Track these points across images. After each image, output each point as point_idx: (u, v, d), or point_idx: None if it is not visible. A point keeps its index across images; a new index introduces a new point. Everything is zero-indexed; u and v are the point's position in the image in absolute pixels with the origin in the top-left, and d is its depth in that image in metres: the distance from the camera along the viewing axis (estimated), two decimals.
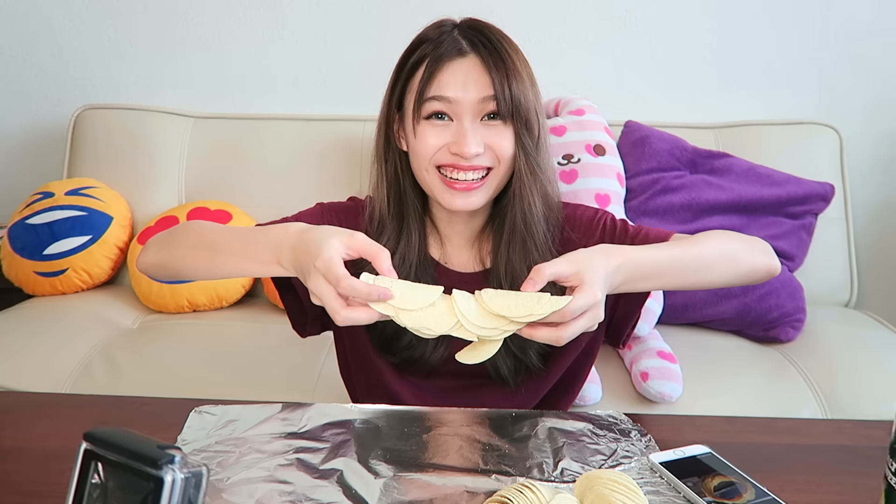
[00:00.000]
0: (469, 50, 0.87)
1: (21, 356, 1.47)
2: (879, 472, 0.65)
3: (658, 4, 1.93)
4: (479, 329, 0.71)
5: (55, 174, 1.95)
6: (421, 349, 0.94)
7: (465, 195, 0.89)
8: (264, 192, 1.85)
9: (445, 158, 0.88)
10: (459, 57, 0.86)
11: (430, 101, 0.87)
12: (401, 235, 0.95)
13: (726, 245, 0.89)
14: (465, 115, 0.86)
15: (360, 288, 0.69)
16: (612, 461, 0.77)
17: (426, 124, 0.88)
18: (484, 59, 0.86)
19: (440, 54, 0.86)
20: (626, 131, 1.83)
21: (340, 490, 0.70)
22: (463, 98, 0.86)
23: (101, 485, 0.53)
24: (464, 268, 0.99)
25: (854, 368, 1.46)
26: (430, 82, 0.86)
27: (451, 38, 0.88)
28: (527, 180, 0.90)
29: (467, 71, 0.86)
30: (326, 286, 0.70)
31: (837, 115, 1.92)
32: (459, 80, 0.86)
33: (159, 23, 1.98)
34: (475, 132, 0.86)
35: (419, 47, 0.89)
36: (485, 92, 0.86)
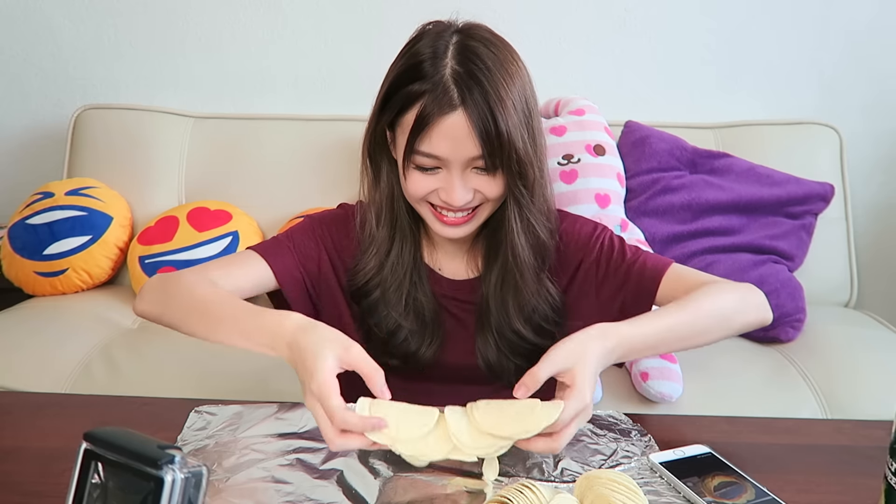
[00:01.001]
0: (458, 103, 0.82)
1: (21, 356, 1.47)
2: (879, 472, 0.65)
3: (658, 4, 1.93)
4: (474, 450, 0.70)
5: (55, 174, 1.95)
6: (416, 343, 0.95)
7: (454, 228, 0.90)
8: (264, 192, 1.85)
9: (435, 200, 0.89)
10: (450, 112, 0.83)
11: (419, 155, 0.85)
12: (393, 242, 0.95)
13: (721, 304, 0.87)
14: (454, 169, 0.86)
15: (354, 422, 0.67)
16: (612, 461, 0.77)
17: (416, 171, 0.87)
18: (472, 117, 0.82)
19: (433, 110, 0.83)
20: (626, 131, 1.83)
21: (340, 490, 0.71)
22: (451, 157, 0.85)
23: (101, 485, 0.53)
24: (455, 274, 0.99)
25: (854, 368, 1.46)
26: (422, 137, 0.84)
27: (443, 81, 0.83)
28: (515, 227, 0.91)
29: (457, 129, 0.83)
30: (321, 412, 0.68)
31: (837, 114, 1.91)
32: (449, 138, 0.84)
33: (159, 23, 1.98)
34: (464, 182, 0.86)
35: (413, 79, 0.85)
36: (473, 151, 0.84)
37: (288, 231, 1.00)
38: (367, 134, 0.93)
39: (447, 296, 0.99)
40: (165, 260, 1.69)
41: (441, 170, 0.87)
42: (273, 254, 0.95)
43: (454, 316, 0.99)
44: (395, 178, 0.93)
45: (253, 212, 1.83)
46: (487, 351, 0.95)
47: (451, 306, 0.99)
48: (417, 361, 0.96)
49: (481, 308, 0.96)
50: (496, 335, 0.95)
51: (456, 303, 0.99)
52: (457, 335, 0.98)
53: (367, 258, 0.95)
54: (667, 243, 1.67)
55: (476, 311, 0.97)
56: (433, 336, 0.95)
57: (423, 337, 0.95)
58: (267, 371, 1.46)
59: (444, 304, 0.98)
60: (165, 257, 1.69)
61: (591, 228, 1.00)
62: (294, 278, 0.96)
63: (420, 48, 0.87)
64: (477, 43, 0.86)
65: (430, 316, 0.96)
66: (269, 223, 1.83)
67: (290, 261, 0.95)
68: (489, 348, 0.95)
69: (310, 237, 0.98)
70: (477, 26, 0.89)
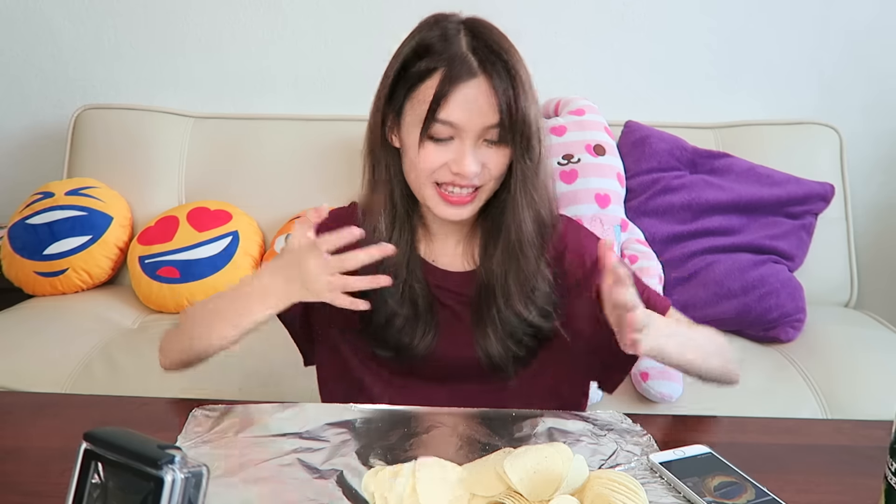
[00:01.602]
0: (479, 71, 0.85)
1: (21, 356, 1.47)
2: (879, 472, 0.65)
3: (658, 5, 1.93)
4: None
5: (55, 174, 1.95)
6: (409, 334, 0.95)
7: (457, 207, 0.91)
8: (264, 192, 1.85)
9: (445, 177, 0.89)
10: (470, 79, 0.85)
11: (436, 123, 0.86)
12: (392, 232, 0.96)
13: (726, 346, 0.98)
14: (467, 139, 0.87)
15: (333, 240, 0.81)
16: (612, 461, 0.77)
17: (430, 143, 0.88)
18: (493, 83, 0.85)
19: (452, 76, 0.84)
20: (626, 131, 1.83)
21: (340, 490, 0.70)
22: (468, 125, 0.86)
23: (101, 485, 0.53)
24: (450, 266, 1.00)
25: (854, 368, 1.46)
26: (441, 105, 0.85)
27: (461, 53, 0.85)
28: (520, 201, 0.92)
29: (477, 96, 0.85)
30: (315, 263, 0.82)
31: (837, 114, 1.91)
32: (467, 105, 0.85)
33: (159, 23, 1.98)
34: (475, 153, 0.88)
35: (424, 56, 0.87)
36: (491, 120, 0.86)
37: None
38: (370, 126, 0.95)
39: (442, 287, 0.98)
40: (165, 260, 1.69)
41: (454, 140, 0.88)
42: None
43: (449, 308, 0.98)
44: (395, 170, 0.95)
45: (253, 212, 1.83)
46: (486, 342, 0.94)
47: (446, 298, 0.98)
48: (412, 353, 0.96)
49: (480, 297, 0.96)
50: (497, 321, 0.94)
51: (451, 295, 0.98)
52: (452, 328, 0.97)
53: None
54: (667, 243, 1.67)
55: (473, 302, 0.97)
56: (427, 326, 0.96)
57: (416, 326, 0.95)
58: (267, 371, 1.46)
59: (438, 296, 0.98)
60: (165, 257, 1.69)
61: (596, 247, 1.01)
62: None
63: (426, 34, 0.89)
64: (486, 26, 0.89)
65: (424, 306, 0.96)
66: (269, 223, 1.84)
67: None
68: (488, 339, 0.94)
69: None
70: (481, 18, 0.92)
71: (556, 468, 0.66)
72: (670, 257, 1.65)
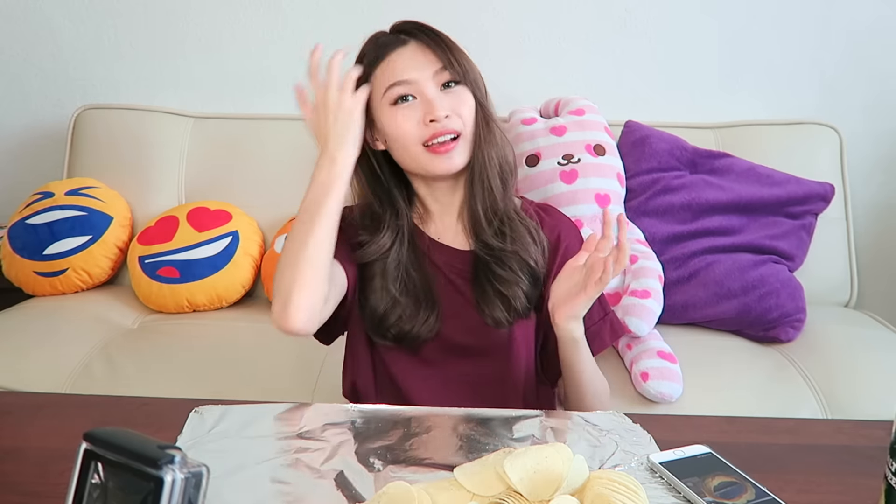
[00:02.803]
0: (408, 39, 0.99)
1: (21, 356, 1.47)
2: (879, 472, 0.65)
3: (659, 4, 1.93)
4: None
5: (55, 174, 1.95)
6: (410, 323, 0.99)
7: (447, 157, 0.97)
8: (264, 192, 1.85)
9: (426, 132, 0.96)
10: (401, 46, 0.98)
11: (392, 87, 0.96)
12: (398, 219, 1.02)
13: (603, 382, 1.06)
14: (426, 89, 0.96)
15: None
16: (612, 461, 0.77)
17: (395, 109, 0.97)
18: (423, 42, 0.98)
19: (383, 46, 0.99)
20: (626, 131, 1.83)
21: (340, 490, 0.70)
22: (419, 76, 0.96)
23: (101, 485, 0.53)
24: (453, 242, 1.05)
25: (854, 368, 1.46)
26: (386, 71, 0.97)
27: (386, 36, 1.01)
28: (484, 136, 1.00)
29: (413, 54, 0.98)
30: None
31: (837, 115, 1.91)
32: (409, 63, 0.97)
33: (159, 23, 1.98)
34: (440, 98, 0.96)
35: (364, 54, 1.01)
36: (436, 65, 0.97)
37: None
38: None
39: (447, 263, 1.04)
40: (165, 260, 1.69)
41: (416, 99, 0.97)
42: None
43: (453, 284, 1.03)
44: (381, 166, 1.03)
45: (253, 212, 1.83)
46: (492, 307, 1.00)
47: (451, 274, 1.03)
48: (412, 339, 1.00)
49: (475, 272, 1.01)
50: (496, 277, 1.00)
51: (456, 270, 1.03)
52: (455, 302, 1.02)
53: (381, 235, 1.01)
54: (667, 243, 1.67)
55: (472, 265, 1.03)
56: (430, 311, 1.00)
57: (417, 313, 0.99)
58: (267, 371, 1.46)
59: (444, 272, 1.03)
60: (165, 257, 1.69)
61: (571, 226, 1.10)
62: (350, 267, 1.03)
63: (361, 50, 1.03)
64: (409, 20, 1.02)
65: (423, 291, 1.01)
66: (269, 223, 1.84)
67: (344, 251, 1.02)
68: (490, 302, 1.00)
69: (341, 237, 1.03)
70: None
71: (556, 468, 0.66)
72: (670, 257, 1.65)
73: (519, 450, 0.69)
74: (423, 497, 0.65)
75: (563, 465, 0.66)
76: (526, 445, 0.79)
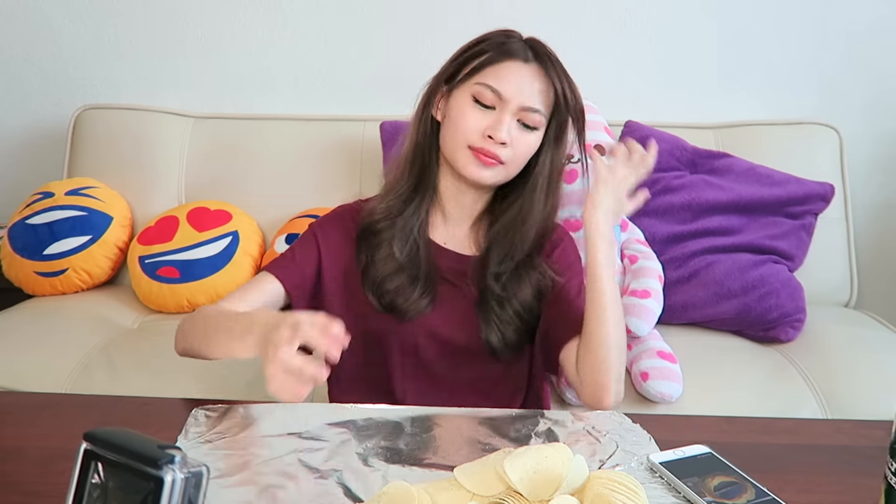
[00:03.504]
0: (533, 59, 0.98)
1: (21, 356, 1.47)
2: (879, 472, 0.65)
3: (658, 4, 1.93)
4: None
5: (55, 174, 1.95)
6: (405, 295, 1.01)
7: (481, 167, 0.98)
8: (264, 192, 1.85)
9: (479, 141, 0.96)
10: (523, 61, 0.97)
11: (486, 87, 0.96)
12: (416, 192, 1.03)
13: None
14: (507, 111, 0.96)
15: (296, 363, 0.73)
16: (612, 461, 0.77)
17: (474, 106, 0.97)
18: (545, 70, 0.98)
19: (507, 49, 0.97)
20: (626, 131, 1.83)
21: (340, 490, 0.70)
22: (511, 97, 0.96)
23: (101, 485, 0.53)
24: (460, 248, 1.06)
25: (854, 368, 1.46)
26: (491, 69, 0.96)
27: (519, 42, 0.99)
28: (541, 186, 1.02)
29: (526, 75, 0.97)
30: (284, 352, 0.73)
31: (837, 115, 1.91)
32: (516, 80, 0.96)
33: (159, 23, 1.98)
34: (510, 125, 0.97)
35: (488, 40, 0.99)
36: (532, 102, 0.97)
37: (293, 244, 1.08)
38: (425, 93, 1.03)
39: (452, 268, 1.05)
40: (165, 260, 1.69)
41: (495, 110, 0.97)
42: (282, 269, 1.03)
43: (456, 287, 1.04)
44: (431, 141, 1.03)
45: (253, 212, 1.83)
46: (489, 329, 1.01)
47: (453, 278, 1.04)
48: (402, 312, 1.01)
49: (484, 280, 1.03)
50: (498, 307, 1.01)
51: (458, 275, 1.04)
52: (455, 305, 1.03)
53: (389, 198, 1.03)
54: (667, 243, 1.67)
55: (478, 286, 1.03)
56: (424, 291, 1.01)
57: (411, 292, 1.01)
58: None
59: (446, 277, 1.04)
60: (165, 257, 1.69)
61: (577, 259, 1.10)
62: (301, 286, 1.03)
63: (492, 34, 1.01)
64: (546, 45, 1.02)
65: (424, 276, 1.02)
66: (269, 223, 1.84)
67: (295, 272, 1.03)
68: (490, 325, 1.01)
69: (310, 242, 1.06)
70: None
71: (556, 468, 0.66)
72: (670, 257, 1.65)
73: (519, 450, 0.69)
74: (423, 497, 0.65)
75: (563, 464, 0.66)
76: (525, 445, 0.79)
